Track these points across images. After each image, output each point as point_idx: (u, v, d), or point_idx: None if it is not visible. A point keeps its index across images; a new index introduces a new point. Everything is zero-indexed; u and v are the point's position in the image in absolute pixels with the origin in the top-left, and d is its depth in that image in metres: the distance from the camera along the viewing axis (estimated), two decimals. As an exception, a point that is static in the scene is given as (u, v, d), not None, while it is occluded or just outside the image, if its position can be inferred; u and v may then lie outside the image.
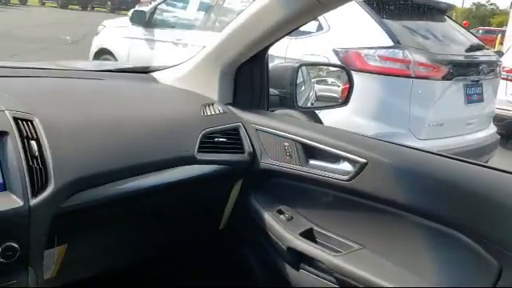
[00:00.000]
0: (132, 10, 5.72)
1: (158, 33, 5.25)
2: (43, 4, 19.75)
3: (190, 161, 1.45)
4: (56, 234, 1.19)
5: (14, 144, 1.07)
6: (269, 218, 1.55)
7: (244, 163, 1.58)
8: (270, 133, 1.56)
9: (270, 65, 1.72)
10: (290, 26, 1.50)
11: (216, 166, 1.53)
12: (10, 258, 1.02)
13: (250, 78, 1.67)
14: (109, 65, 3.77)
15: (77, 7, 18.99)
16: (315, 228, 1.49)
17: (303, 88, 1.91)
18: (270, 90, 1.73)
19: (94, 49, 6.00)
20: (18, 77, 1.51)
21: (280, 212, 1.56)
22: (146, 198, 1.40)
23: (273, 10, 1.43)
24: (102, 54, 5.80)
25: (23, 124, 1.12)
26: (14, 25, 9.74)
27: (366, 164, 1.35)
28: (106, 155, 1.26)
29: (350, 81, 1.87)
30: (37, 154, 1.10)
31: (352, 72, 1.94)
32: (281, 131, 1.54)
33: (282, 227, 1.51)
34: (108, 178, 1.26)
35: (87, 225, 1.31)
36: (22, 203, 1.03)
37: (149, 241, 1.58)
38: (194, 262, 1.80)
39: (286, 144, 1.53)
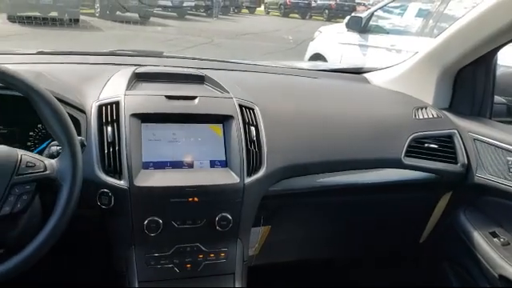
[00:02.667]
0: (349, 16, 5.82)
1: (373, 38, 5.23)
2: (268, 13, 21.63)
3: (396, 164, 1.40)
4: (262, 215, 1.29)
5: (237, 128, 1.19)
6: (480, 239, 1.40)
7: (456, 175, 1.45)
8: (491, 144, 1.40)
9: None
10: None
11: (423, 173, 1.44)
12: (224, 228, 1.14)
13: (471, 82, 1.53)
14: (323, 65, 3.92)
15: (297, 16, 20.22)
16: None
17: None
18: (495, 97, 1.56)
19: (309, 53, 6.30)
20: (246, 71, 1.68)
21: (494, 235, 1.39)
22: (347, 195, 1.41)
23: (506, 9, 1.28)
24: (316, 58, 6.04)
25: (246, 111, 1.24)
26: (242, 31, 10.92)
27: None
28: (316, 148, 1.31)
29: None
30: (255, 138, 1.20)
31: None
32: (505, 143, 1.37)
33: (496, 252, 1.35)
34: (315, 170, 1.31)
35: (290, 211, 1.38)
36: (238, 180, 1.14)
37: (344, 238, 1.59)
38: (382, 269, 1.74)
39: (510, 159, 1.35)
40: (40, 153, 1.00)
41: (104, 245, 1.17)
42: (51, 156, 0.98)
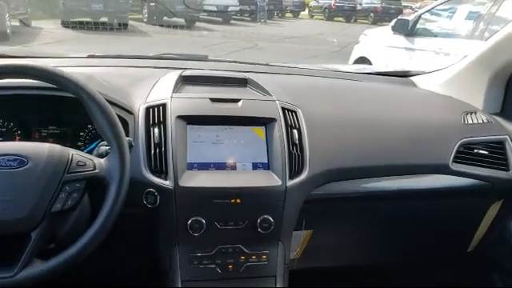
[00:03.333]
0: (395, 19, 5.71)
1: (420, 41, 5.11)
2: (312, 16, 21.52)
3: (444, 170, 1.36)
4: (304, 219, 1.28)
5: (279, 130, 1.19)
6: None
7: (507, 182, 1.39)
8: None
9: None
10: None
11: (472, 180, 1.39)
12: (266, 230, 1.14)
13: None
14: (368, 68, 3.86)
15: (341, 19, 20.02)
16: None
17: None
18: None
19: (353, 57, 6.23)
20: (289, 74, 1.68)
21: None
22: (392, 200, 1.38)
23: None
24: (361, 62, 5.96)
25: (289, 114, 1.24)
26: (286, 35, 10.95)
27: None
28: (360, 151, 1.30)
29: None
30: (297, 141, 1.20)
31: None
32: None
33: None
34: (359, 174, 1.29)
35: (333, 216, 1.37)
36: (280, 183, 1.14)
37: (387, 245, 1.56)
38: (426, 278, 1.69)
39: None
40: (90, 152, 1.04)
41: (148, 243, 1.20)
42: (100, 155, 1.02)
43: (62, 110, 1.20)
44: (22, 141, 0.97)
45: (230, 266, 1.17)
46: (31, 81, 0.99)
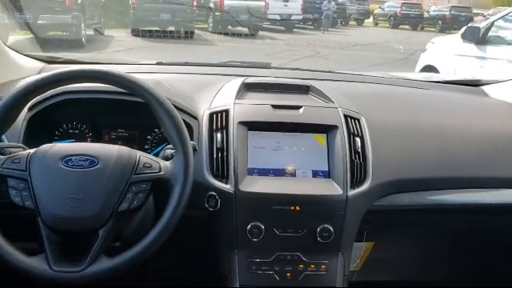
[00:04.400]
0: (465, 27, 5.48)
1: (492, 50, 4.86)
2: (376, 24, 21.08)
3: None
4: (365, 230, 1.25)
5: (341, 138, 1.18)
6: None
7: None
8: None
9: None
10: None
11: None
12: (325, 239, 1.13)
13: None
14: (435, 76, 3.73)
15: (407, 27, 19.46)
16: None
17: None
18: None
19: (419, 65, 6.03)
20: (352, 81, 1.66)
21: None
22: (460, 215, 1.31)
23: None
24: (428, 71, 5.76)
25: (351, 121, 1.22)
26: (350, 43, 10.80)
27: None
28: (426, 162, 1.25)
29: None
30: (359, 150, 1.18)
31: None
32: None
33: None
34: (424, 186, 1.24)
35: (396, 229, 1.33)
36: (341, 192, 1.12)
37: (452, 261, 1.49)
38: None
39: None
40: (156, 155, 1.07)
41: (209, 246, 1.22)
42: (166, 158, 1.05)
43: (131, 114, 1.25)
44: (93, 142, 1.01)
45: (288, 274, 1.16)
46: (103, 85, 1.04)
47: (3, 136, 1.06)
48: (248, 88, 1.36)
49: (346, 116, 1.22)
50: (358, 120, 1.23)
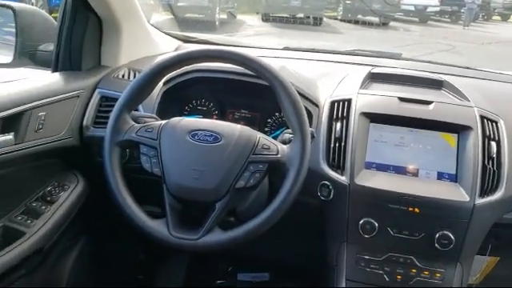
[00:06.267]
0: None
1: None
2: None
3: None
4: (491, 243, 1.14)
5: (475, 140, 1.08)
6: None
7: None
8: None
9: None
10: None
11: None
12: (444, 247, 1.05)
13: None
14: None
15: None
16: None
17: None
18: None
19: None
20: (491, 80, 1.51)
21: None
22: None
23: None
24: None
25: (488, 123, 1.11)
26: (491, 39, 9.88)
27: None
28: None
29: None
30: (494, 155, 1.07)
31: None
32: None
33: None
34: None
35: None
36: (468, 199, 1.04)
37: None
38: None
39: None
40: (275, 138, 1.08)
41: (318, 235, 1.21)
42: (284, 142, 1.06)
43: (255, 96, 1.28)
44: (218, 120, 1.06)
45: (399, 277, 1.10)
46: (233, 66, 1.07)
47: (140, 106, 1.15)
48: (374, 78, 1.31)
49: (482, 117, 1.12)
50: (496, 122, 1.12)
